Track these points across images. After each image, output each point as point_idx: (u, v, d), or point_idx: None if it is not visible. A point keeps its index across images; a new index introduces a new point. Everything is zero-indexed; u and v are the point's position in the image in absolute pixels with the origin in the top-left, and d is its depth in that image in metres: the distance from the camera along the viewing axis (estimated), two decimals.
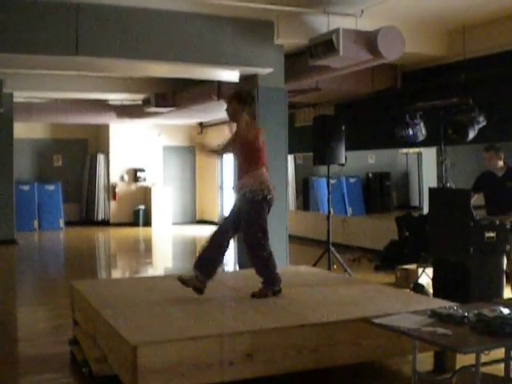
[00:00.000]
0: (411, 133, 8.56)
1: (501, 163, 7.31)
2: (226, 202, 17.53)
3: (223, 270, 5.84)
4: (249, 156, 5.43)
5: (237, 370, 4.08)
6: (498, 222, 6.37)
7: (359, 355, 4.54)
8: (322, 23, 8.05)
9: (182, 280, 5.41)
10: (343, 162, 9.25)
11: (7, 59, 8.35)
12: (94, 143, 18.87)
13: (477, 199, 7.31)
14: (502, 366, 4.13)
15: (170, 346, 3.96)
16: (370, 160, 17.01)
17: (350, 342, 4.46)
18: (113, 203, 18.24)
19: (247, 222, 5.44)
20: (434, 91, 9.59)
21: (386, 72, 10.86)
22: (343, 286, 6.11)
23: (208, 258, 5.44)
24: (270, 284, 5.44)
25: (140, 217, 17.95)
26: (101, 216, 18.23)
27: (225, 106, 5.71)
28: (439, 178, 9.18)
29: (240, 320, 4.58)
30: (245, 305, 5.12)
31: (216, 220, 17.38)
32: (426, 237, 7.33)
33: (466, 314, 3.84)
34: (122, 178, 18.30)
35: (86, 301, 5.30)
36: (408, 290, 7.37)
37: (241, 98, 5.54)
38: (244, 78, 8.97)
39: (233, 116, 5.58)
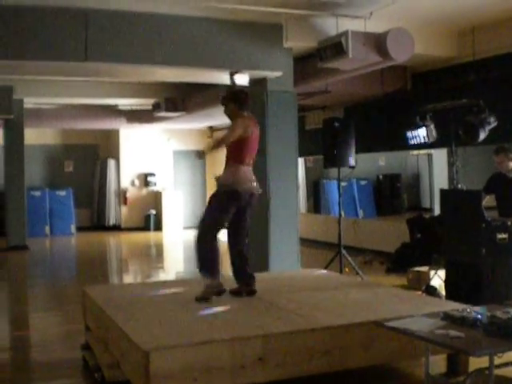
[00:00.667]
0: (422, 134, 8.53)
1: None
2: None
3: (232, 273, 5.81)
4: (232, 152, 5.54)
5: (248, 374, 4.07)
6: (509, 223, 6.33)
7: (371, 358, 4.52)
8: (331, 26, 8.04)
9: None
10: (354, 164, 9.24)
11: (17, 66, 8.37)
12: (105, 148, 18.93)
13: (488, 200, 7.27)
14: None
15: (182, 350, 3.96)
16: (381, 162, 16.97)
17: (361, 345, 4.45)
18: (124, 208, 18.29)
19: (205, 211, 5.59)
20: (445, 92, 9.55)
21: (395, 74, 10.82)
22: (355, 288, 6.08)
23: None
24: (210, 286, 5.42)
25: (151, 221, 17.98)
26: (112, 221, 18.27)
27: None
28: (450, 179, 9.16)
29: (251, 324, 4.57)
30: (256, 309, 5.11)
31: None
32: (438, 238, 7.29)
33: (479, 316, 3.82)
34: (132, 183, 18.34)
35: (97, 306, 5.31)
36: (420, 293, 7.34)
37: (235, 97, 5.71)
38: (253, 82, 8.96)
39: (231, 116, 5.71)
